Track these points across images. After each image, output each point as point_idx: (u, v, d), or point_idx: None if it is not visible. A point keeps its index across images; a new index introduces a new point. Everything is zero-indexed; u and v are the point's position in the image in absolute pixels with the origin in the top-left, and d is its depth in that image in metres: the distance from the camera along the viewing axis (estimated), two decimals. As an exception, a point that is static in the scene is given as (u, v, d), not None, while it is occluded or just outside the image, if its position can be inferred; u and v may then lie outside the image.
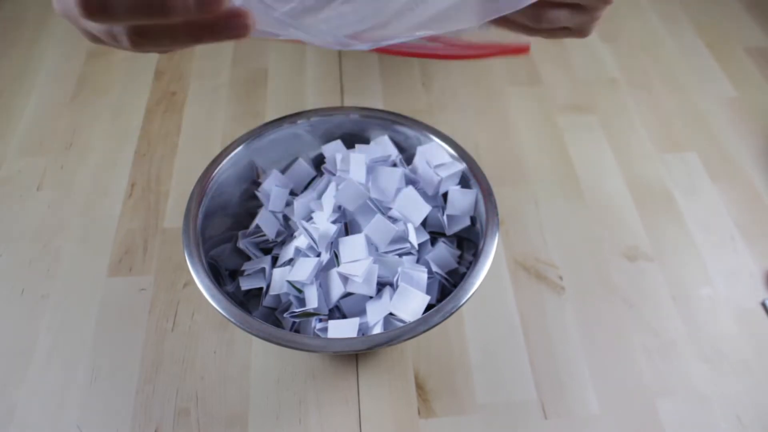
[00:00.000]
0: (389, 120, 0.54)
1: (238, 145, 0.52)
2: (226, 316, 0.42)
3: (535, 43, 0.79)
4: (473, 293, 0.43)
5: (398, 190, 0.49)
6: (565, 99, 0.72)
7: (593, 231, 0.60)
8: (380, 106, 0.70)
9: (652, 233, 0.60)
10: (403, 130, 0.54)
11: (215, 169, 0.51)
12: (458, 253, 0.52)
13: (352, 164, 0.50)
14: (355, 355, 0.51)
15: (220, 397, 0.49)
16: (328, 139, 0.55)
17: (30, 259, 0.56)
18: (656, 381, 0.50)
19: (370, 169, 0.50)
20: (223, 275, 0.50)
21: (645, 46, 0.80)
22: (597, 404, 0.49)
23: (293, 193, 0.55)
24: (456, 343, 0.52)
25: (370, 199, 0.49)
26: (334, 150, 0.54)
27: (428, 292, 0.48)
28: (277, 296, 0.49)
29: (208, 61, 0.75)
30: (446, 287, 0.50)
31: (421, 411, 0.48)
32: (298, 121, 0.54)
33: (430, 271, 0.50)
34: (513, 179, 0.64)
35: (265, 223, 0.52)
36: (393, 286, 0.47)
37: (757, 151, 0.67)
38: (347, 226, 0.50)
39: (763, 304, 0.55)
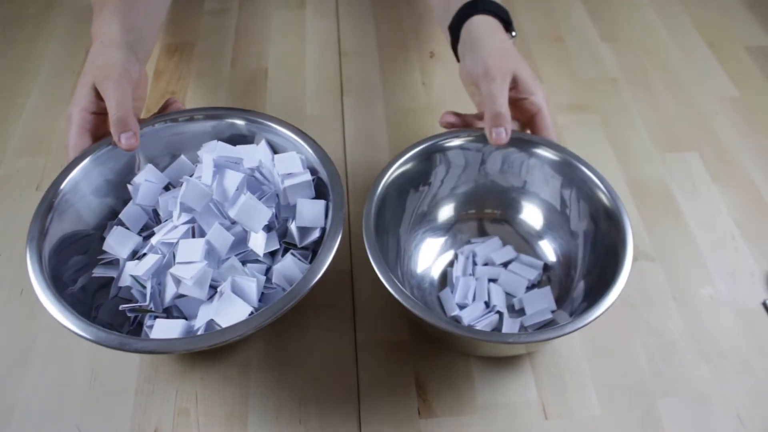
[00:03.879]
0: (271, 123, 0.53)
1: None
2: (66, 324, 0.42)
3: (535, 42, 0.79)
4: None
5: (238, 194, 0.49)
6: (565, 98, 0.72)
7: (594, 231, 0.59)
8: (380, 106, 0.70)
9: (653, 233, 0.59)
10: (284, 133, 0.53)
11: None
12: (307, 266, 0.49)
13: (204, 165, 0.49)
14: (355, 356, 0.51)
15: (220, 397, 0.49)
16: (220, 139, 0.55)
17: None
18: (657, 381, 0.50)
19: (219, 170, 0.50)
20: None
21: (645, 46, 0.79)
22: (598, 404, 0.48)
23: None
24: (456, 343, 0.52)
25: (213, 203, 0.49)
26: (210, 149, 0.53)
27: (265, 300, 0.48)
28: (129, 289, 0.49)
29: (208, 61, 0.75)
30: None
31: (421, 411, 0.48)
32: (195, 116, 0.54)
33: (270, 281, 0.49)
34: (513, 179, 0.63)
35: (130, 216, 0.51)
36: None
37: (758, 150, 0.67)
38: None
39: (764, 304, 0.54)
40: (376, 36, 0.79)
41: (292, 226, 0.50)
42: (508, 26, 0.55)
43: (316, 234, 0.50)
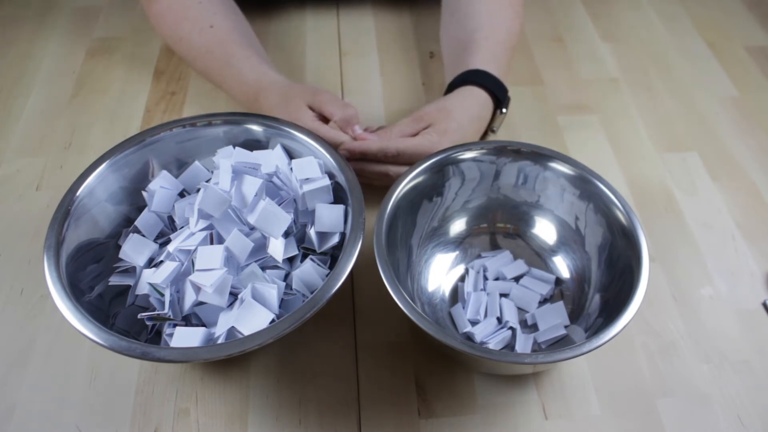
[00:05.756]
0: (289, 129, 0.53)
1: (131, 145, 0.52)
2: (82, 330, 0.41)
3: (535, 42, 0.79)
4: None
5: (257, 200, 0.49)
6: (565, 98, 0.72)
7: (594, 231, 0.59)
8: (380, 107, 0.70)
9: (653, 233, 0.59)
10: (301, 138, 0.53)
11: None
12: (327, 272, 0.49)
13: (222, 171, 0.49)
14: (355, 356, 0.51)
15: (220, 397, 0.49)
16: (234, 145, 0.55)
17: (29, 258, 0.56)
18: (657, 381, 0.50)
19: (237, 176, 0.50)
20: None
21: (645, 46, 0.79)
22: (597, 404, 0.48)
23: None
24: (456, 343, 0.52)
25: (231, 209, 0.48)
26: (227, 155, 0.53)
27: (286, 309, 0.48)
28: (146, 297, 0.49)
29: (208, 61, 0.75)
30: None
31: (421, 411, 0.48)
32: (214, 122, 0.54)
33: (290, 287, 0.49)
34: (513, 179, 0.63)
35: (146, 224, 0.51)
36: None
37: (758, 150, 0.67)
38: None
39: (764, 305, 0.54)
40: (376, 36, 0.79)
41: (311, 232, 0.50)
42: (499, 102, 0.61)
43: (335, 239, 0.50)
